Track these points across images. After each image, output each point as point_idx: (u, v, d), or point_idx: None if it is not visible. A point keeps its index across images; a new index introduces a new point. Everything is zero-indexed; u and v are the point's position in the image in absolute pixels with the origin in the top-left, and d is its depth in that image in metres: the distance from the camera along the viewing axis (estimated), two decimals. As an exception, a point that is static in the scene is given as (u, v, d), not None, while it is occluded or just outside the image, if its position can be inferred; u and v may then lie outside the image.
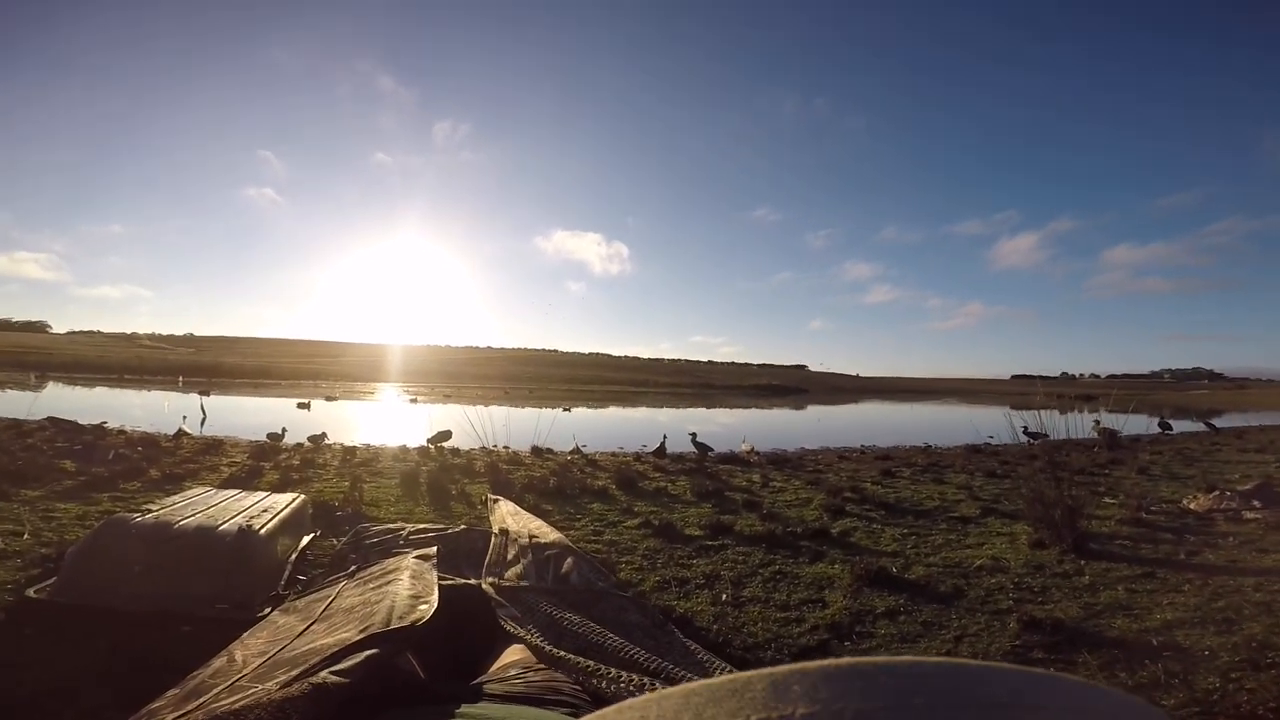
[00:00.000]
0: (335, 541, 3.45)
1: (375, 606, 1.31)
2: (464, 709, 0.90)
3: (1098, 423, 14.38)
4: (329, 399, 26.62)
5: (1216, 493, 5.11)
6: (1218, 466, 8.37)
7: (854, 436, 14.31)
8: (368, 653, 0.93)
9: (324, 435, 9.17)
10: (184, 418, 10.22)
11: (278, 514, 3.20)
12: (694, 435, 8.93)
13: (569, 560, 1.91)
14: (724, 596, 3.08)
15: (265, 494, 3.65)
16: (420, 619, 1.17)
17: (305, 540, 3.54)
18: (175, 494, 3.57)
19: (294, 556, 3.23)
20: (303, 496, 3.79)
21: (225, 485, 4.99)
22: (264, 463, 6.96)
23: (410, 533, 2.53)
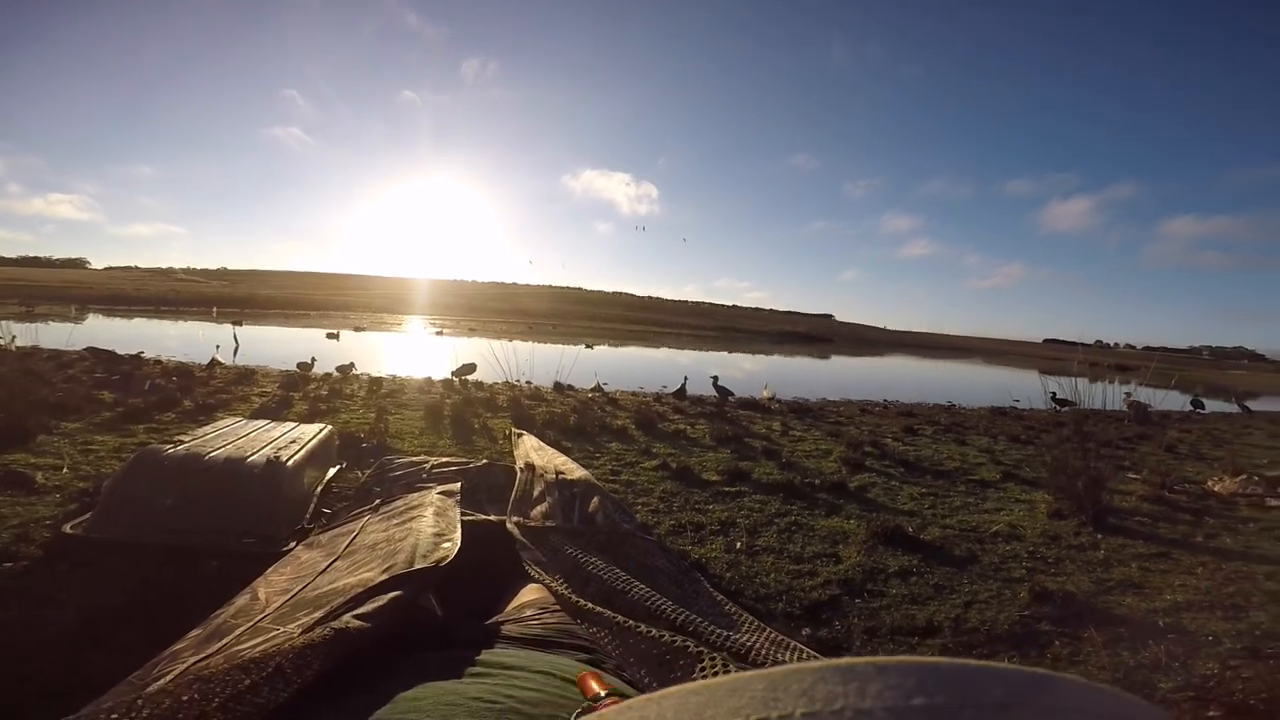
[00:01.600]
0: (360, 473, 3.53)
1: (399, 544, 1.33)
2: (482, 655, 0.92)
3: (1129, 395, 14.04)
4: (357, 329, 27.07)
5: (1243, 476, 4.98)
6: (1247, 450, 8.13)
7: (878, 390, 14.17)
8: (391, 595, 0.94)
9: (352, 365, 9.34)
10: (217, 347, 10.46)
11: (305, 445, 3.25)
12: (715, 379, 8.92)
13: (595, 499, 1.91)
14: (739, 545, 3.13)
15: (294, 425, 3.71)
16: (444, 558, 1.18)
17: (331, 472, 3.65)
18: (207, 425, 3.63)
19: (320, 489, 3.33)
20: (330, 428, 3.85)
21: (256, 416, 5.11)
22: (293, 393, 7.14)
23: (433, 466, 2.57)
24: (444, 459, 2.76)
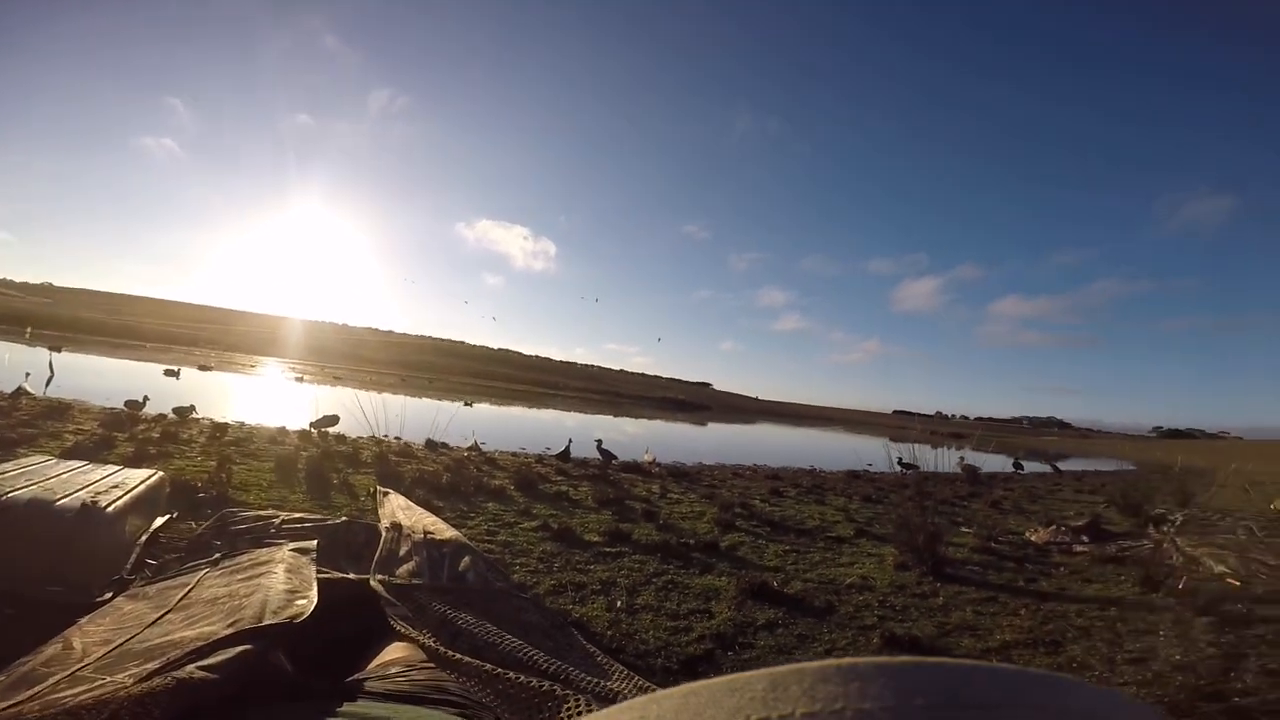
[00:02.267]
0: (195, 525, 3.19)
1: (245, 599, 1.22)
2: (345, 707, 0.86)
3: (962, 459, 15.94)
4: (203, 368, 24.25)
5: (1054, 527, 5.78)
6: (1058, 504, 9.47)
7: (748, 455, 14.89)
8: (240, 648, 0.87)
9: (192, 408, 8.32)
10: (27, 374, 8.94)
11: (130, 490, 2.87)
12: (599, 442, 8.95)
13: (466, 558, 1.86)
14: (619, 603, 3.11)
15: (116, 468, 3.28)
16: (298, 615, 1.11)
17: (159, 521, 3.21)
18: (8, 462, 3.11)
19: (144, 538, 2.92)
20: (160, 474, 3.43)
21: (69, 456, 4.44)
22: (118, 433, 6.25)
23: (284, 522, 2.36)
24: (297, 514, 2.53)
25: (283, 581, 1.36)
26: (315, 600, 1.22)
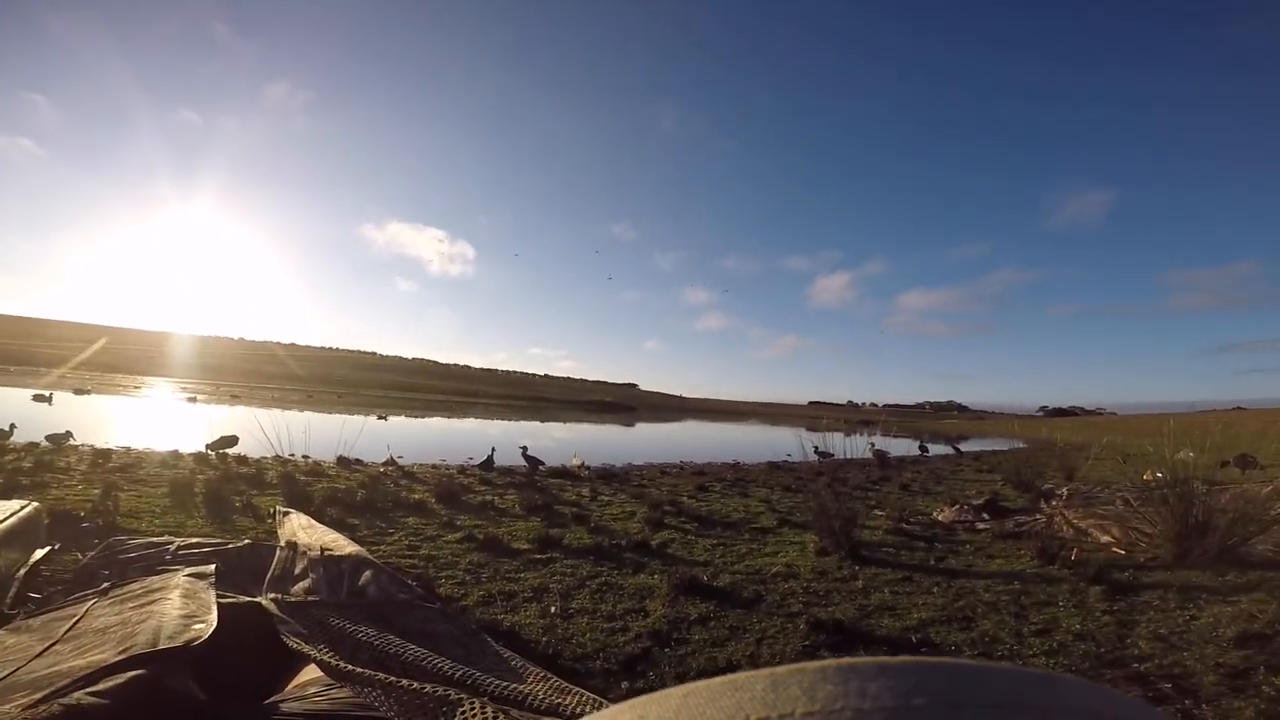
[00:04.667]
0: (81, 555, 2.89)
1: (138, 626, 1.13)
2: None
3: (872, 445, 16.92)
4: (79, 391, 21.85)
5: (957, 506, 6.23)
6: (960, 484, 10.20)
7: (675, 453, 15.13)
8: (132, 673, 0.81)
9: (69, 434, 7.53)
10: None
11: (2, 522, 2.59)
12: (524, 449, 8.80)
13: (367, 573, 1.77)
14: (552, 609, 3.07)
15: None
16: (195, 639, 1.04)
17: (39, 554, 2.90)
18: None
19: (23, 571, 2.62)
20: (35, 504, 3.08)
21: None
22: None
23: (180, 548, 2.18)
24: (194, 539, 2.33)
25: (178, 607, 1.26)
26: (215, 624, 1.14)
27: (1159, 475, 8.47)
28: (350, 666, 0.89)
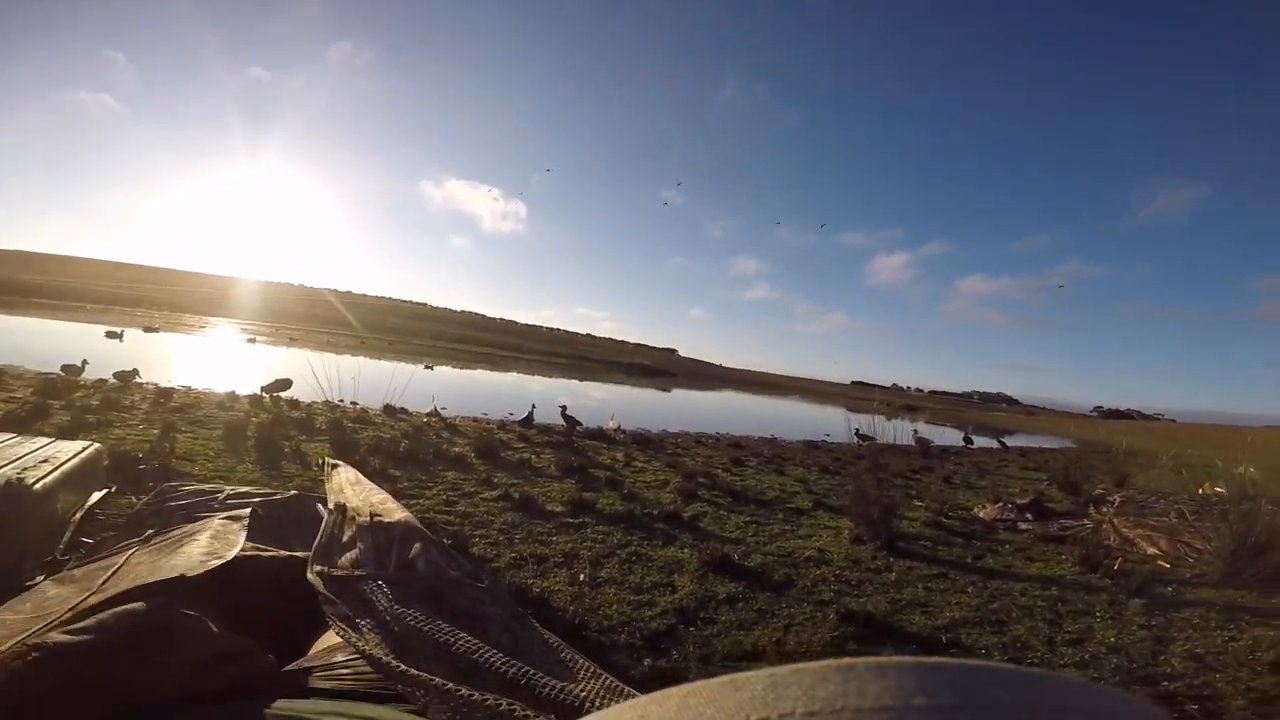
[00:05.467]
0: (136, 499, 3.03)
1: (159, 566, 1.15)
2: (280, 705, 0.80)
3: (916, 432, 16.47)
4: (148, 330, 23.12)
5: (1000, 504, 6.00)
6: (1004, 480, 9.86)
7: (711, 423, 15.06)
8: (125, 607, 0.80)
9: (135, 372, 7.94)
10: None
11: (61, 465, 2.68)
12: (564, 408, 8.88)
13: (417, 544, 1.75)
14: (581, 577, 3.10)
15: (48, 440, 3.08)
16: (197, 569, 1.04)
17: (96, 496, 3.04)
18: None
19: (79, 515, 2.76)
20: (96, 445, 3.21)
21: None
22: (53, 401, 5.94)
23: (229, 496, 2.23)
24: (244, 487, 2.41)
25: (203, 546, 1.28)
26: (230, 558, 1.15)
27: (1219, 489, 8.02)
28: (402, 667, 0.86)
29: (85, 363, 7.81)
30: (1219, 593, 3.90)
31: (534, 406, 8.90)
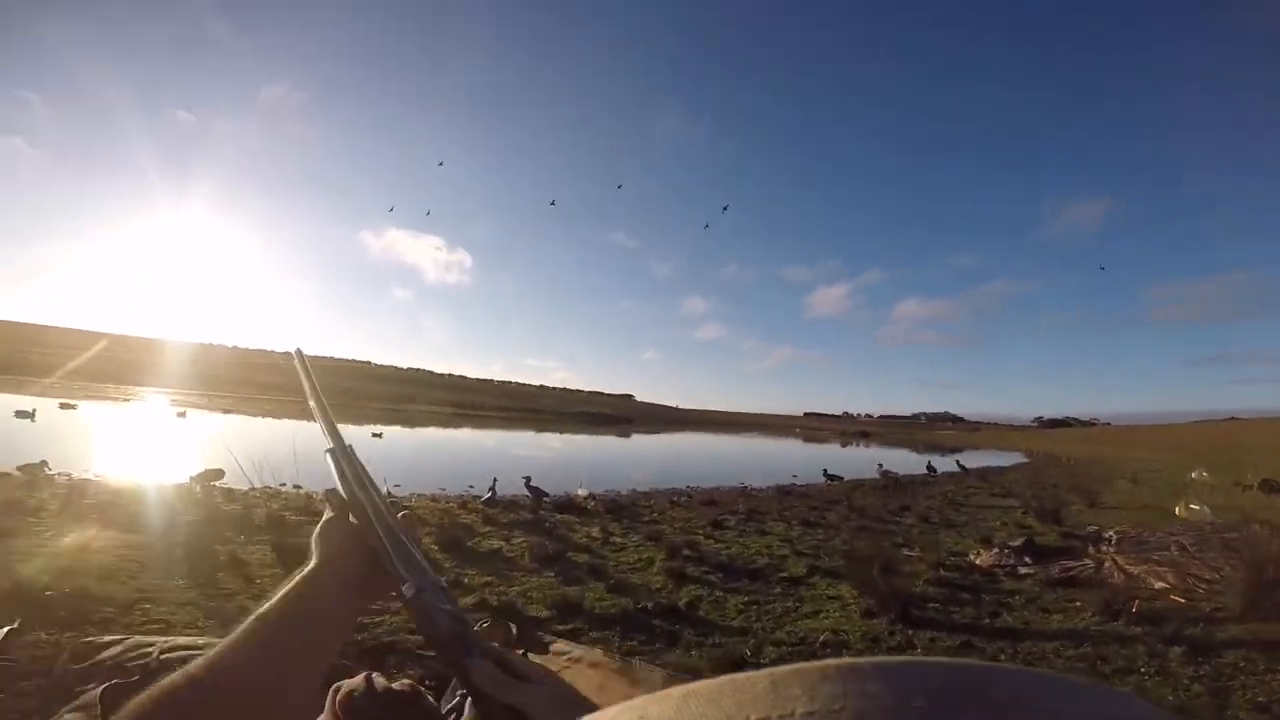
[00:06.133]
0: (45, 636, 2.68)
1: None
2: None
3: (880, 465, 16.54)
4: (65, 406, 21.21)
5: (996, 550, 5.82)
6: (980, 513, 9.80)
7: (678, 474, 14.70)
8: None
9: (43, 464, 7.10)
10: None
11: None
12: (528, 479, 8.36)
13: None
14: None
15: None
16: None
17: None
18: None
19: None
20: None
21: None
22: None
23: (163, 651, 1.79)
24: (180, 641, 1.91)
25: None
26: None
27: (1193, 506, 8.17)
28: None
29: (-15, 457, 6.93)
30: (1247, 628, 3.78)
31: (495, 480, 8.19)
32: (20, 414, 15.68)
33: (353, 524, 0.54)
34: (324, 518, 0.55)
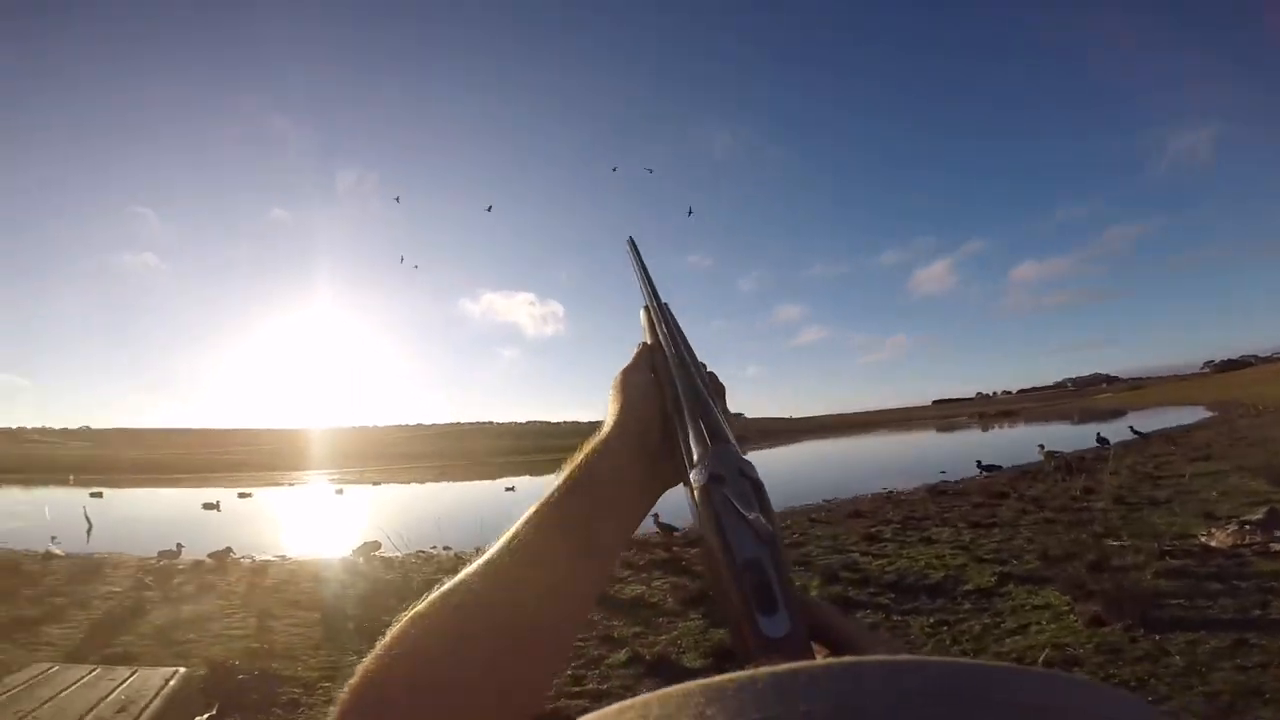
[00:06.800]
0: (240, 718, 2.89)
1: None
2: None
3: (1042, 447, 14.66)
4: (242, 495, 23.97)
5: (1235, 527, 4.80)
6: (1186, 484, 8.32)
7: (809, 488, 13.83)
8: None
9: (228, 551, 7.92)
10: (53, 538, 8.68)
11: (144, 708, 2.45)
12: (656, 516, 8.12)
13: None
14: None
15: (129, 672, 2.86)
16: None
17: None
18: (11, 674, 2.86)
19: None
20: (181, 671, 2.98)
21: (93, 633, 4.51)
22: (148, 593, 5.93)
23: None
24: None
25: None
26: None
27: None
28: None
29: (180, 546, 8.03)
30: None
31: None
32: (207, 505, 17.88)
33: (652, 376, 0.46)
34: (622, 368, 0.48)
